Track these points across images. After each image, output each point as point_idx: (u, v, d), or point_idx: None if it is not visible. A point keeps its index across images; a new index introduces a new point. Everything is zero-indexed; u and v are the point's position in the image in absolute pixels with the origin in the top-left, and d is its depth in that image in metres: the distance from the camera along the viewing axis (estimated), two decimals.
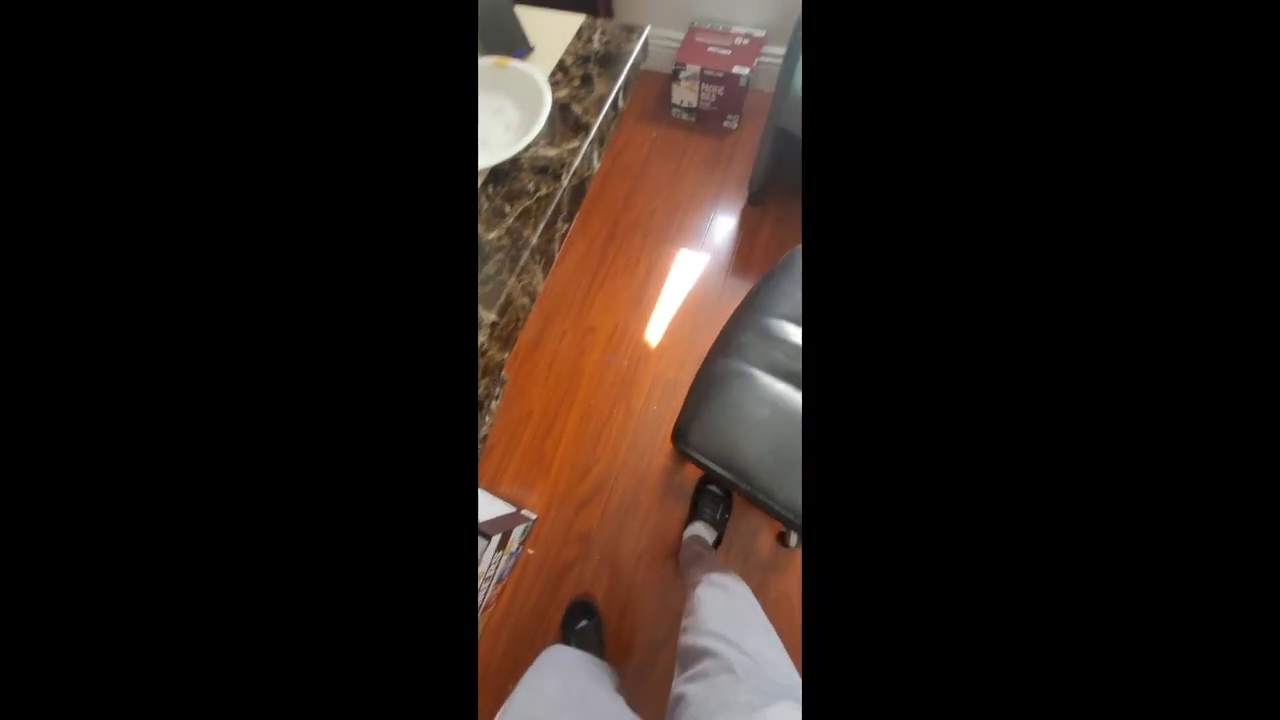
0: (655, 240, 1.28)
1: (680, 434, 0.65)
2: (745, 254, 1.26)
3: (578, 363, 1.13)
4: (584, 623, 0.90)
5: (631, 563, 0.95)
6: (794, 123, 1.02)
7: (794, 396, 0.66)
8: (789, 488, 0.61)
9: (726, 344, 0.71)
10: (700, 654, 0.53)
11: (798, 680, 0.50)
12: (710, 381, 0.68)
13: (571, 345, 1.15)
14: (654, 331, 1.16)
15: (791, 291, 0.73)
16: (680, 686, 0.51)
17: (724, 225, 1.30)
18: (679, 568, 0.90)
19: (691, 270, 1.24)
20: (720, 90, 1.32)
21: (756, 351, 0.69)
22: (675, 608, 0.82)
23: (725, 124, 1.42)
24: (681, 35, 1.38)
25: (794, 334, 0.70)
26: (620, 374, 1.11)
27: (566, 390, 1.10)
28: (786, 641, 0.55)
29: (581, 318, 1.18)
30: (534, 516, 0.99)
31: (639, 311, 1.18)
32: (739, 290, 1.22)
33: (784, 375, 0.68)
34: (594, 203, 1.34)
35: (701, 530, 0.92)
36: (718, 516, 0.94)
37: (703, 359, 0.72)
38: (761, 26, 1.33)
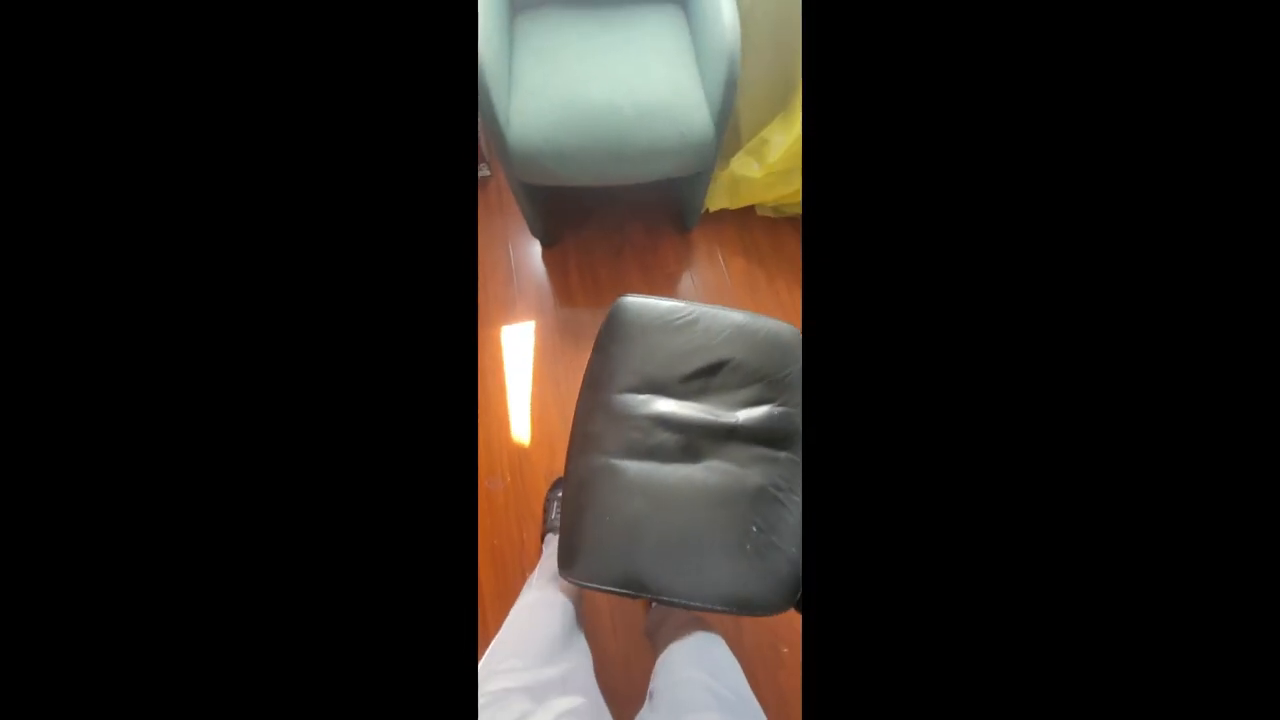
0: None
1: (567, 563, 0.61)
2: (564, 293, 1.20)
3: None
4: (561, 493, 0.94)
5: (620, 670, 0.91)
6: (530, 174, 0.95)
7: (661, 473, 0.64)
8: (685, 577, 0.59)
9: (578, 442, 0.66)
10: (671, 686, 0.52)
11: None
12: (579, 490, 0.63)
13: None
14: (519, 428, 1.08)
15: (624, 356, 0.70)
16: (647, 714, 0.50)
17: (531, 276, 1.22)
18: (648, 631, 0.88)
19: (523, 340, 1.15)
20: None
21: (611, 438, 0.65)
22: None
23: (480, 174, 1.30)
24: None
25: (640, 405, 0.67)
26: (509, 491, 1.02)
27: None
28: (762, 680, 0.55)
29: None
30: None
31: (493, 416, 1.08)
32: (578, 329, 1.17)
33: (644, 454, 0.65)
34: None
35: None
36: None
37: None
38: None
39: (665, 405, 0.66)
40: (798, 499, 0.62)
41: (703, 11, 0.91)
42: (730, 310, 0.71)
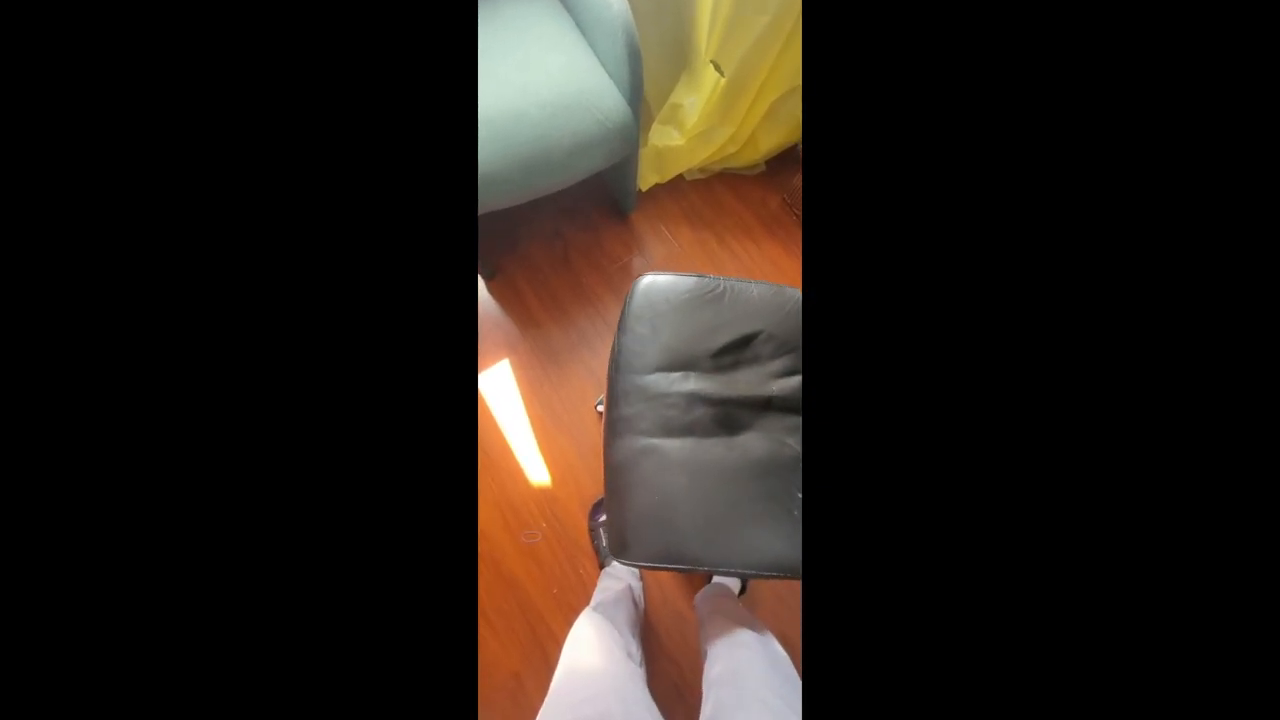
0: None
1: (621, 547, 0.61)
2: (526, 318, 1.14)
3: (507, 574, 0.96)
4: (604, 517, 0.91)
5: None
6: None
7: (701, 448, 0.63)
8: (733, 546, 0.60)
9: (615, 426, 0.65)
10: (712, 701, 0.54)
11: None
12: (619, 473, 0.63)
13: (487, 569, 0.97)
14: (535, 472, 1.03)
15: (652, 336, 0.68)
16: None
17: (487, 315, 1.14)
18: (697, 613, 0.88)
19: (503, 383, 1.09)
20: None
21: (647, 420, 0.64)
22: None
23: None
24: None
25: (674, 383, 0.66)
26: (549, 538, 0.98)
27: (524, 608, 0.95)
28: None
29: None
30: None
31: (504, 471, 1.02)
32: (553, 348, 1.11)
33: (682, 431, 0.64)
34: None
35: (726, 579, 0.91)
36: None
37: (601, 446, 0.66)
38: None
39: (699, 381, 0.66)
40: None
41: None
42: (755, 282, 0.70)
